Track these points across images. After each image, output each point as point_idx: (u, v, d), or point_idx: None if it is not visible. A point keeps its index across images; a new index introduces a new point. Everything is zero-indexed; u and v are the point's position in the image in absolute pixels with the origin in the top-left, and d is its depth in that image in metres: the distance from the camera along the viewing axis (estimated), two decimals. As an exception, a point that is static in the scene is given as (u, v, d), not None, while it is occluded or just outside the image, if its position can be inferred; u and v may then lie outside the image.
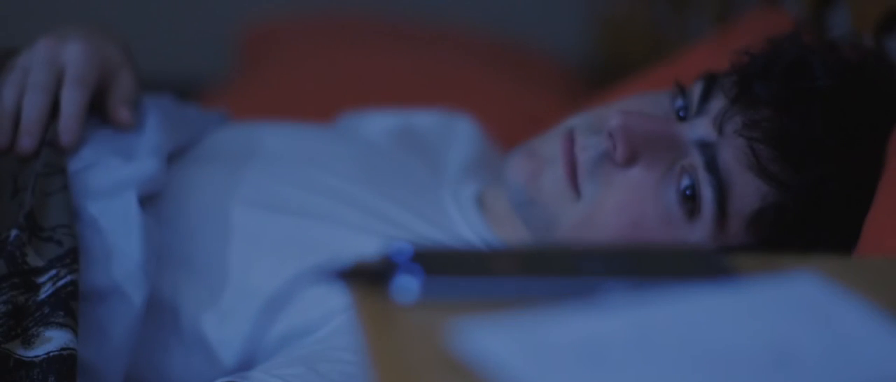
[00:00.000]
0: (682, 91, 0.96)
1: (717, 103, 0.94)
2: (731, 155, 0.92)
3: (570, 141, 0.96)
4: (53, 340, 0.84)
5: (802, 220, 0.92)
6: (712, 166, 0.92)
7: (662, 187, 0.93)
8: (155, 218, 0.95)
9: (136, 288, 0.91)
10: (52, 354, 0.84)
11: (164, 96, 1.10)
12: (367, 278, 0.58)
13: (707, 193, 0.92)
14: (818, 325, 0.53)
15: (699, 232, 0.93)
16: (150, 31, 1.95)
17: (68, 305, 0.86)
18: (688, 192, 0.92)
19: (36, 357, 0.83)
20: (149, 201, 0.96)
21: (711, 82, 0.95)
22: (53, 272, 0.87)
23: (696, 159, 0.93)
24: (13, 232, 0.87)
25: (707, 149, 0.92)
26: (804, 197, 0.92)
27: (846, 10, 1.22)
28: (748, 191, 0.92)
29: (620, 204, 0.93)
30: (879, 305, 0.54)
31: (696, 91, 0.96)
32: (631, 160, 0.93)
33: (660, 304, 0.53)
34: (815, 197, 0.92)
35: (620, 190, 0.94)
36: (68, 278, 0.86)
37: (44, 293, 0.86)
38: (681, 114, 0.95)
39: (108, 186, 0.94)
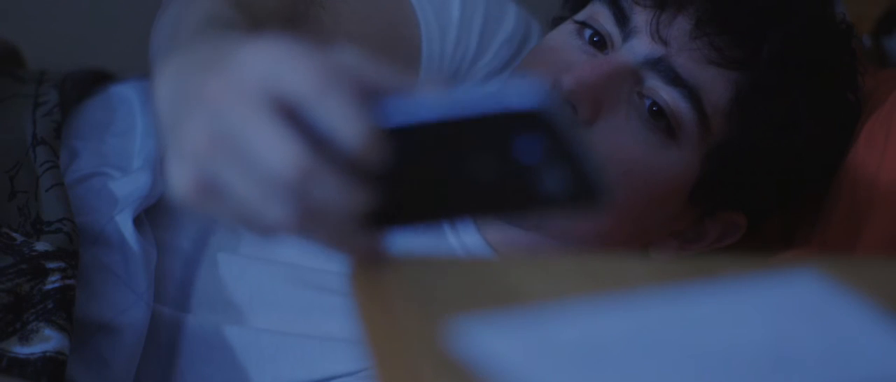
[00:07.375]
0: (584, 23, 0.94)
1: (641, 18, 0.92)
2: (687, 58, 0.90)
3: None
4: (51, 340, 0.83)
5: (779, 94, 0.91)
6: (675, 78, 0.90)
7: (632, 123, 0.91)
8: (151, 223, 0.95)
9: (137, 316, 0.90)
10: (48, 354, 0.83)
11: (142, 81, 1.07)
12: None
13: (683, 105, 0.90)
14: (818, 325, 0.53)
15: (687, 144, 0.91)
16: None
17: (70, 310, 0.85)
18: (654, 109, 0.90)
19: (32, 354, 0.83)
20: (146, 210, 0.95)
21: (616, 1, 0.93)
22: (62, 264, 0.86)
23: (652, 81, 0.90)
24: (19, 238, 0.87)
25: (661, 63, 0.90)
26: (773, 67, 0.90)
27: (845, 10, 1.22)
28: (718, 84, 0.90)
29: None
30: (879, 305, 0.54)
31: (603, 17, 0.93)
32: (596, 114, 0.91)
33: (660, 304, 0.53)
34: (783, 64, 0.91)
35: (598, 147, 0.91)
36: (72, 281, 0.86)
37: (51, 283, 0.85)
38: (595, 40, 0.93)
39: (106, 206, 0.93)
